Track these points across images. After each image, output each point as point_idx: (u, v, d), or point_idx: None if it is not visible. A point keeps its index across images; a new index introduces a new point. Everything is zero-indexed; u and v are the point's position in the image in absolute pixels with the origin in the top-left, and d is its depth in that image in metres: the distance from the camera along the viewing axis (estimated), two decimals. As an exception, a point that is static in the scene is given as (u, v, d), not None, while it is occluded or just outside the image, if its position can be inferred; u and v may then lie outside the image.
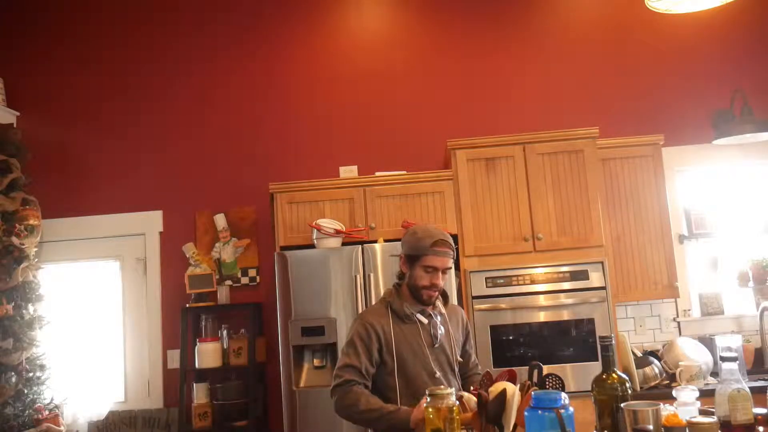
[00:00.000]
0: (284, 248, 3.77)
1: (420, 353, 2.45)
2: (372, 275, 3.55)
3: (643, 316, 4.20)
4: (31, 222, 4.02)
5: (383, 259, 3.56)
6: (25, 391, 3.77)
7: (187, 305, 4.13)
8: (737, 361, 1.88)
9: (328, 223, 3.68)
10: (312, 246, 3.69)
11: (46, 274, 4.18)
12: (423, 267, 2.46)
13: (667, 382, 3.72)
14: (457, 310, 2.70)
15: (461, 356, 2.61)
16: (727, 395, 1.83)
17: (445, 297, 2.63)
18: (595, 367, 2.96)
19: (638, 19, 4.35)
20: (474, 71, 4.50)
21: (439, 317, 2.55)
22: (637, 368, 3.70)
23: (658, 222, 3.93)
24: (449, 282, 3.51)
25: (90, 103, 4.59)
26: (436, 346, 2.49)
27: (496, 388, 2.00)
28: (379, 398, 2.38)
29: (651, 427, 1.68)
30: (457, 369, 2.54)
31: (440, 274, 2.48)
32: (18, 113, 4.52)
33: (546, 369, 3.24)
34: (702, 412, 1.92)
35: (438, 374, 2.44)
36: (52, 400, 3.89)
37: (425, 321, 2.51)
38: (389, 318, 2.49)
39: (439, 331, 2.52)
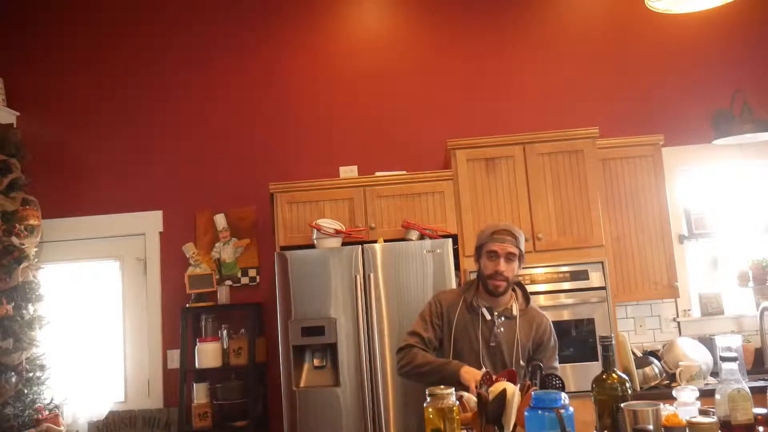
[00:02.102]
0: (284, 248, 3.77)
1: (475, 346, 2.57)
2: (372, 275, 3.54)
3: (643, 316, 4.20)
4: (31, 222, 4.02)
5: (383, 259, 3.56)
6: (25, 391, 3.76)
7: (187, 305, 4.13)
8: (737, 361, 1.88)
9: (328, 223, 3.68)
10: (312, 246, 3.69)
11: (46, 274, 4.18)
12: (486, 255, 2.60)
13: (667, 382, 3.72)
14: (535, 318, 2.68)
15: (527, 363, 2.59)
16: (727, 395, 1.83)
17: (527, 299, 2.70)
18: (595, 367, 2.97)
19: (638, 19, 4.35)
20: (474, 71, 4.50)
21: (503, 318, 2.61)
22: (637, 368, 3.70)
23: (658, 222, 3.93)
24: (450, 282, 3.51)
25: (90, 103, 4.59)
26: (492, 344, 2.58)
27: (496, 388, 2.00)
28: None
29: (651, 427, 1.68)
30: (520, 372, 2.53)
31: (502, 261, 2.57)
32: (18, 113, 4.52)
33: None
34: (702, 412, 1.92)
35: (485, 370, 2.45)
36: (52, 400, 3.89)
37: (488, 317, 2.60)
38: (459, 304, 2.65)
39: (499, 331, 2.58)
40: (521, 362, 2.58)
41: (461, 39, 4.55)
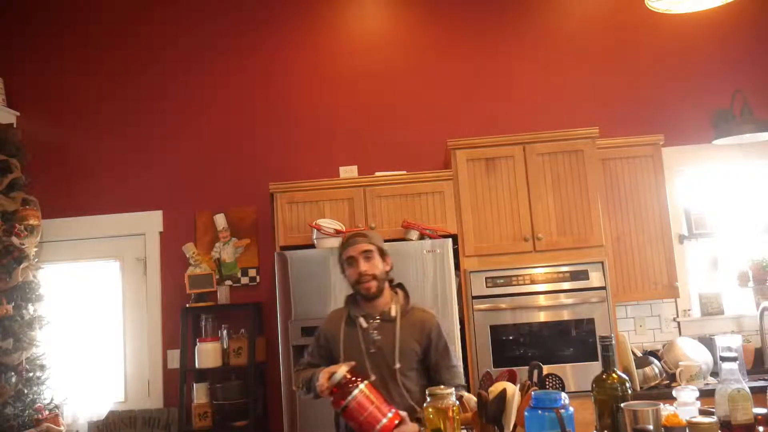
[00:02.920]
0: (284, 248, 3.77)
1: (358, 357, 2.49)
2: (372, 275, 3.54)
3: (643, 316, 4.20)
4: (31, 222, 4.02)
5: (383, 259, 3.55)
6: (25, 391, 3.77)
7: (187, 305, 4.13)
8: (737, 361, 1.88)
9: (328, 223, 3.68)
10: (312, 246, 3.69)
11: (46, 274, 4.18)
12: (346, 264, 2.59)
13: (667, 382, 3.72)
14: (418, 318, 2.57)
15: (426, 368, 2.54)
16: (727, 395, 1.83)
17: (407, 299, 2.60)
18: (595, 367, 2.96)
19: (638, 19, 4.35)
20: (474, 71, 4.50)
21: (381, 321, 2.54)
22: (637, 368, 3.70)
23: (658, 222, 3.93)
24: (450, 282, 3.51)
25: (90, 103, 4.59)
26: (372, 351, 2.50)
27: (496, 388, 2.00)
28: None
29: (651, 427, 1.68)
30: (401, 378, 2.47)
31: (361, 261, 2.53)
32: (18, 113, 4.52)
33: (546, 369, 3.25)
34: (702, 412, 1.92)
35: (373, 378, 2.42)
36: (52, 400, 3.89)
37: (365, 325, 2.54)
38: (343, 320, 2.60)
39: (376, 337, 2.51)
40: (413, 365, 2.50)
41: (461, 39, 4.55)
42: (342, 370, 2.25)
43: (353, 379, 2.23)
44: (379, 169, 4.07)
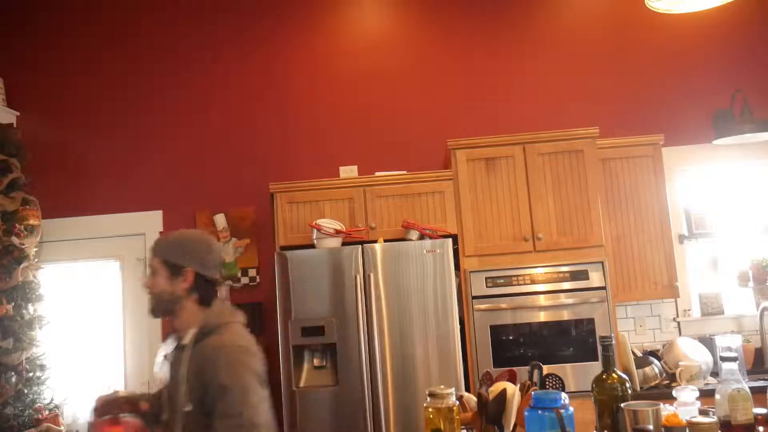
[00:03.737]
0: (284, 248, 3.77)
1: (160, 383, 2.16)
2: (372, 275, 3.54)
3: (643, 316, 4.20)
4: (31, 222, 4.01)
5: (383, 259, 3.56)
6: (25, 391, 3.76)
7: (187, 305, 4.12)
8: (737, 361, 1.88)
9: (328, 223, 3.68)
10: (312, 246, 3.69)
11: (46, 274, 4.18)
12: None
13: (667, 382, 3.72)
14: (208, 352, 1.97)
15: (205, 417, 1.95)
16: (727, 395, 1.83)
17: (206, 322, 2.04)
18: (595, 367, 2.97)
19: (638, 18, 4.35)
20: (474, 71, 4.50)
21: (176, 347, 2.08)
22: (637, 368, 3.70)
23: (658, 222, 3.93)
24: (450, 282, 3.51)
25: (90, 103, 4.59)
26: (168, 383, 2.09)
27: (496, 388, 2.00)
28: None
29: (651, 427, 1.68)
30: (191, 424, 1.96)
31: (148, 272, 2.12)
32: (18, 113, 4.52)
33: (546, 369, 3.24)
34: (702, 412, 1.92)
35: (162, 416, 2.07)
36: (52, 400, 3.89)
37: (164, 351, 2.14)
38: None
39: (169, 367, 2.08)
40: (206, 408, 1.94)
41: (461, 39, 4.55)
42: (121, 393, 2.01)
43: (125, 403, 1.97)
44: (379, 169, 4.07)
